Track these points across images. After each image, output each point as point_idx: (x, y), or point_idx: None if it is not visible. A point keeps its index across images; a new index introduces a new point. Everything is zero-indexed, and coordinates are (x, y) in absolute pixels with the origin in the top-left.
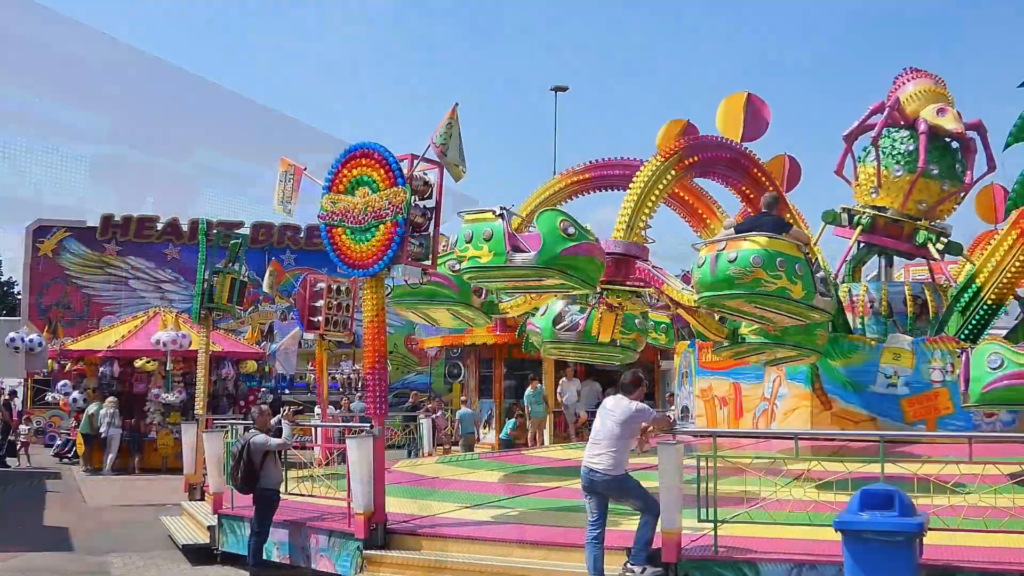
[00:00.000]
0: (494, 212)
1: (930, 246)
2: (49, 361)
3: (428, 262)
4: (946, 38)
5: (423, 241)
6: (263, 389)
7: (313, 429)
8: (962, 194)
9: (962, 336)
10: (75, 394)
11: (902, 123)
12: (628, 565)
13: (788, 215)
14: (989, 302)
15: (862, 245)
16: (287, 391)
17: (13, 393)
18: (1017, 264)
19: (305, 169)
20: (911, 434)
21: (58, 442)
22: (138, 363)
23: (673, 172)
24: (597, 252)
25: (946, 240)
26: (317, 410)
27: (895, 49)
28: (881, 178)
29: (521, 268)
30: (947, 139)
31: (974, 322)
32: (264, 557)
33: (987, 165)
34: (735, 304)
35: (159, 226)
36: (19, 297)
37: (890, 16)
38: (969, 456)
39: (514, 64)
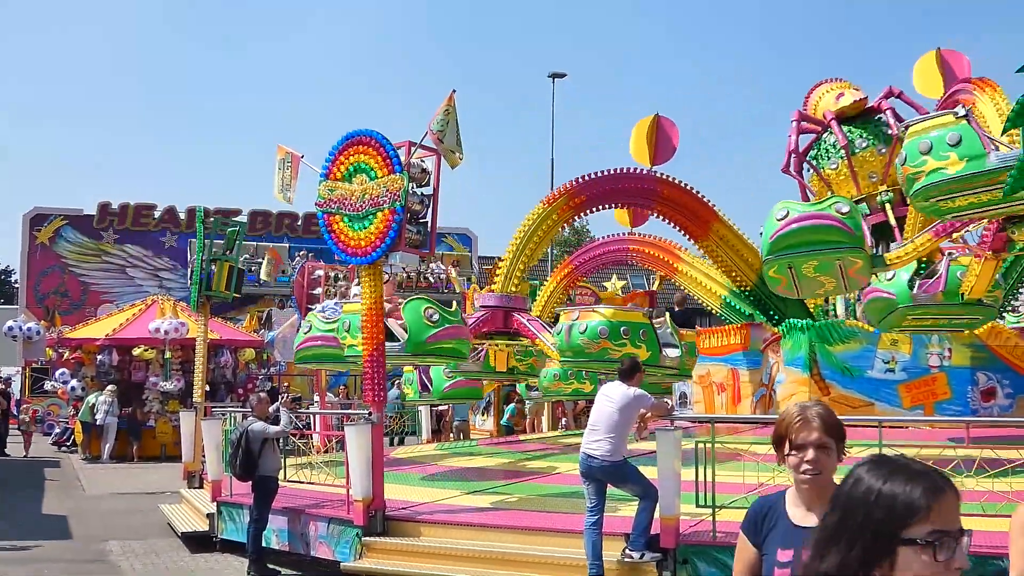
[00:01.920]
0: (955, 114)
1: (887, 207)
2: (47, 349)
3: (426, 249)
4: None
5: (421, 228)
6: (260, 377)
7: (312, 416)
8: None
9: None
10: (73, 382)
11: (820, 129)
12: (627, 551)
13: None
14: None
15: None
16: None
17: (8, 381)
18: None
19: (303, 156)
20: (909, 419)
21: (56, 431)
22: (136, 351)
23: (556, 216)
24: None
25: None
26: (316, 397)
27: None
28: (828, 181)
29: (1006, 167)
30: (863, 116)
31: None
32: (263, 544)
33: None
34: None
35: (156, 214)
36: (16, 285)
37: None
38: (966, 440)
39: (511, 51)
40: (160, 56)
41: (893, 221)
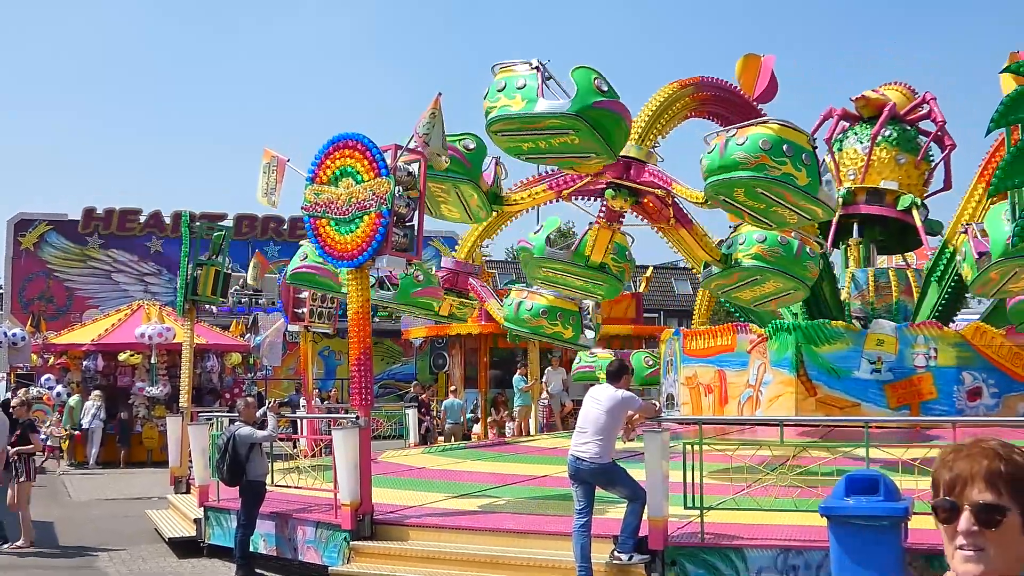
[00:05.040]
0: (530, 64)
1: (915, 211)
2: (32, 355)
3: (413, 252)
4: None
5: (407, 232)
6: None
7: (299, 421)
8: (923, 172)
9: (935, 315)
10: (59, 388)
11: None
12: (615, 553)
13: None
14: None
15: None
16: None
17: None
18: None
19: (288, 160)
20: (895, 419)
21: (42, 436)
22: (122, 356)
23: (685, 100)
24: (626, 115)
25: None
26: (302, 402)
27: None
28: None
29: (550, 116)
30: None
31: (947, 298)
32: (251, 549)
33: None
34: (740, 193)
35: (142, 219)
36: (1, 291)
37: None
38: (954, 440)
39: (496, 47)
40: (145, 59)
41: (919, 220)
